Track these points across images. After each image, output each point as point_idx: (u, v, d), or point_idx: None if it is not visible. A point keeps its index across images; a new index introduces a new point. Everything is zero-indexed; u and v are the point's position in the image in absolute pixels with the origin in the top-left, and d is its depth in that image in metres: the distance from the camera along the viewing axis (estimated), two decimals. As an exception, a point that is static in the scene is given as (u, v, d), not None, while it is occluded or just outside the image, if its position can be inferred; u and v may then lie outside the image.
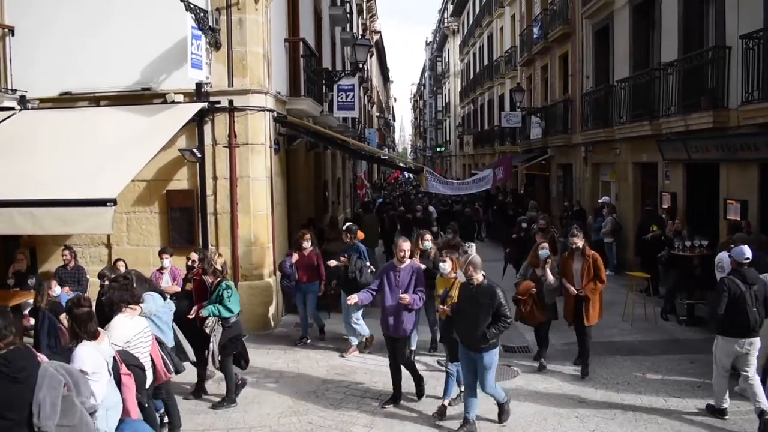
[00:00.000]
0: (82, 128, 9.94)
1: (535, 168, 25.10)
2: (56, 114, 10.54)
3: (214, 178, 10.63)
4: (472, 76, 42.00)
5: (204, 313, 7.58)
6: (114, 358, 5.23)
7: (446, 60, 57.13)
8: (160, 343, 6.52)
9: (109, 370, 5.05)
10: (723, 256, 8.89)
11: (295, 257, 10.06)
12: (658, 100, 13.42)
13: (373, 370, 9.12)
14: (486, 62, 36.35)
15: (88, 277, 10.27)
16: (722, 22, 11.51)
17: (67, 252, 10.12)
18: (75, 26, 10.63)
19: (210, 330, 7.57)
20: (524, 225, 13.21)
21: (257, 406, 7.91)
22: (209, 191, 10.64)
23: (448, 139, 56.57)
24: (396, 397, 7.87)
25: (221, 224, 10.69)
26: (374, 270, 9.70)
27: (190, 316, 7.86)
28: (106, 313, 6.25)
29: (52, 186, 7.97)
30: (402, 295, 7.45)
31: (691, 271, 10.93)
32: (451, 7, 50.16)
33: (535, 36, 23.91)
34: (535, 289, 8.83)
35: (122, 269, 9.07)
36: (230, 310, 7.57)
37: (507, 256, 13.48)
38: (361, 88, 29.06)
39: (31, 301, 9.02)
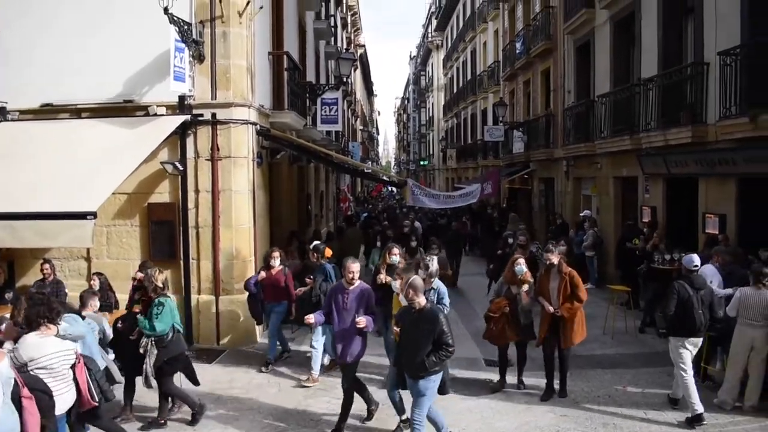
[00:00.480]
0: (63, 140, 9.87)
1: (518, 182, 25.25)
2: (37, 126, 10.46)
3: (196, 191, 10.58)
4: (455, 90, 42.28)
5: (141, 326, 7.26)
6: (15, 380, 4.88)
7: (430, 74, 57.47)
8: (89, 368, 6.05)
9: (3, 392, 4.72)
10: (704, 268, 9.05)
11: (262, 275, 9.72)
12: (638, 115, 13.59)
13: (331, 396, 8.50)
14: (469, 77, 36.62)
15: (66, 291, 10.13)
16: (700, 38, 11.70)
17: (47, 266, 10.00)
18: (57, 38, 10.58)
19: (144, 350, 7.23)
20: (510, 240, 13.01)
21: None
22: (191, 204, 10.58)
23: (431, 152, 56.79)
24: (341, 421, 7.36)
25: (203, 238, 10.62)
26: None
27: (132, 337, 7.48)
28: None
29: (32, 199, 7.91)
30: (358, 319, 7.04)
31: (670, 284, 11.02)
32: (435, 22, 50.55)
33: (517, 51, 24.15)
34: (508, 308, 8.48)
35: (96, 284, 9.01)
36: (153, 328, 7.15)
37: (489, 272, 13.37)
38: (345, 101, 29.13)
39: (8, 315, 8.89)
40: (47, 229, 7.50)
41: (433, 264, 8.39)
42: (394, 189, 47.68)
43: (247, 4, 10.57)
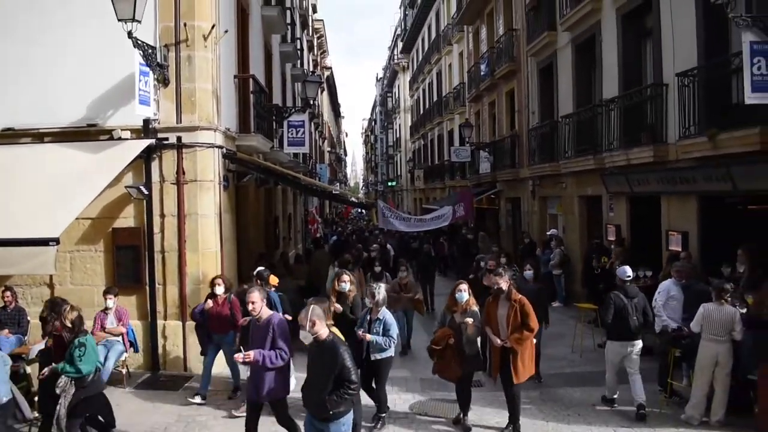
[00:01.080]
0: (24, 165, 9.69)
1: (485, 202, 25.47)
2: (-3, 151, 10.25)
3: (162, 215, 10.45)
4: (422, 111, 42.64)
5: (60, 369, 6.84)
6: None
7: (396, 96, 57.90)
8: None
9: None
10: (663, 284, 9.30)
11: (209, 304, 9.08)
12: (601, 135, 13.85)
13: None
14: (435, 98, 36.98)
15: (29, 318, 9.92)
16: (659, 60, 12.01)
17: (8, 293, 9.76)
18: (18, 60, 10.43)
19: (60, 390, 6.77)
20: (482, 264, 12.40)
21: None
22: (156, 229, 10.44)
23: (399, 173, 57.02)
24: None
25: (169, 262, 10.47)
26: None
27: (40, 377, 7.16)
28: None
29: (-9, 225, 7.71)
30: (236, 356, 6.51)
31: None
32: (401, 44, 51.03)
33: (482, 73, 24.49)
34: (453, 339, 7.83)
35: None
36: (79, 371, 6.77)
37: None
38: (312, 123, 29.18)
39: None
40: (7, 257, 7.33)
41: (380, 293, 8.00)
42: (363, 210, 47.81)
43: (212, 28, 10.55)
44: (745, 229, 10.38)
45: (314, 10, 38.55)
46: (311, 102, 17.77)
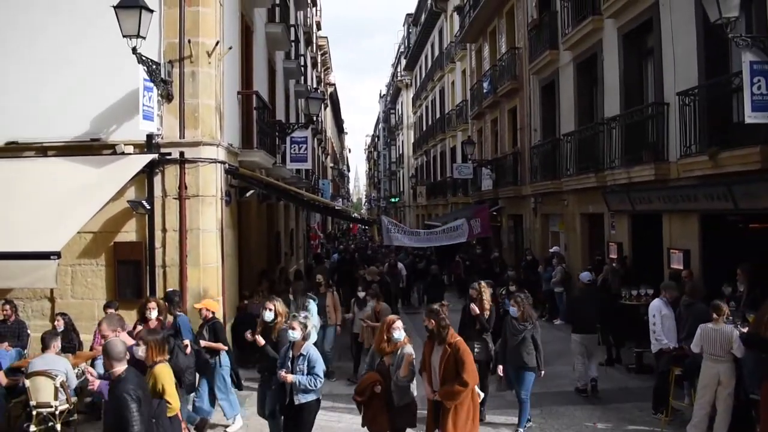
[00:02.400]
0: (27, 179, 9.73)
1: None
2: (1, 164, 10.28)
3: (164, 230, 10.47)
4: (424, 128, 42.77)
5: None
6: None
7: (399, 112, 58.11)
8: None
9: None
10: (653, 304, 9.32)
11: (138, 329, 8.15)
12: (603, 153, 13.89)
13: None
14: (438, 115, 37.12)
15: (29, 332, 9.92)
16: (660, 79, 12.07)
17: (8, 306, 9.76)
18: (23, 75, 10.51)
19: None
20: (511, 288, 11.44)
21: None
22: (158, 243, 10.45)
23: (402, 189, 57.09)
24: None
25: (170, 277, 10.47)
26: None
27: None
28: None
29: (-6, 239, 7.73)
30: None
31: (638, 320, 11.15)
32: (404, 62, 51.30)
33: (485, 90, 24.60)
34: (380, 386, 6.62)
35: (61, 325, 8.81)
36: None
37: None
38: (315, 139, 29.29)
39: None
40: (9, 271, 7.35)
41: (310, 321, 7.14)
42: (366, 227, 47.75)
43: (216, 44, 10.65)
44: (746, 248, 10.39)
45: (318, 28, 38.83)
46: (314, 118, 17.84)
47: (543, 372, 8.63)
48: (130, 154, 10.25)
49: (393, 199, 61.13)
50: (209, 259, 10.67)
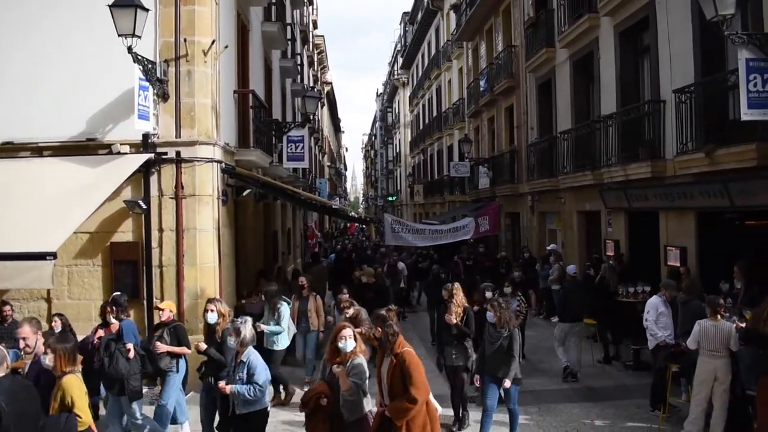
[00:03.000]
0: (23, 179, 9.69)
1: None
2: (-4, 164, 10.27)
3: (160, 230, 10.45)
4: (421, 126, 42.78)
5: None
6: None
7: (396, 111, 58.12)
8: None
9: None
10: (651, 301, 9.35)
11: (99, 334, 8.17)
12: (599, 150, 13.90)
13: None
14: (435, 113, 37.12)
15: (25, 333, 9.87)
16: (656, 77, 12.08)
17: (8, 307, 9.73)
18: (18, 75, 10.46)
19: None
20: (487, 294, 10.19)
21: None
22: (155, 243, 10.43)
23: (399, 188, 57.11)
24: None
25: (167, 277, 10.45)
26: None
27: None
28: None
29: (-11, 239, 7.70)
30: None
31: (635, 317, 11.16)
32: (401, 60, 51.31)
33: (481, 89, 24.61)
34: (326, 399, 6.18)
35: (58, 326, 8.77)
36: None
37: None
38: (312, 138, 29.26)
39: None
40: (4, 272, 7.30)
41: (246, 327, 6.58)
42: (364, 226, 47.72)
43: (212, 43, 10.62)
44: (743, 245, 10.41)
45: (315, 26, 38.80)
46: (311, 117, 17.81)
47: (508, 383, 7.62)
48: (126, 153, 10.22)
49: (390, 198, 61.16)
50: (206, 259, 10.66)
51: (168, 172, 10.44)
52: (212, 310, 7.63)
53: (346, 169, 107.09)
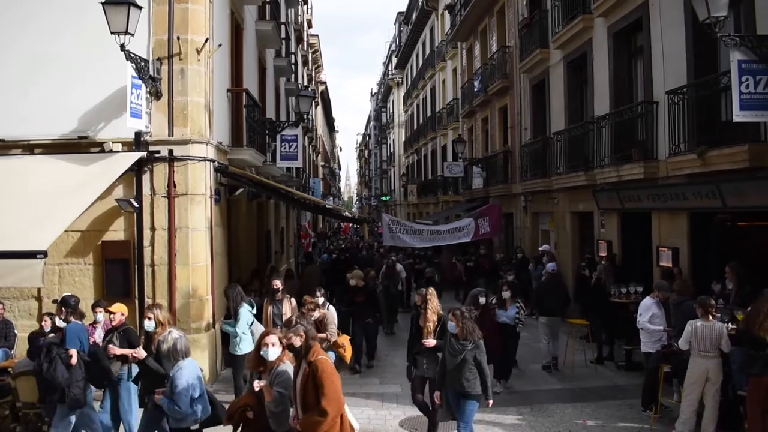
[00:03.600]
0: (14, 177, 9.64)
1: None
2: (-13, 162, 10.21)
3: (152, 228, 10.41)
4: (415, 126, 42.77)
5: None
6: None
7: (391, 111, 58.06)
8: None
9: None
10: (644, 303, 9.35)
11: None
12: (592, 151, 13.92)
13: None
14: (429, 114, 37.12)
15: (16, 332, 9.86)
16: (650, 78, 12.10)
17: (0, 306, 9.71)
18: (9, 72, 10.42)
19: None
20: (481, 299, 10.02)
21: None
22: (147, 242, 10.40)
23: (393, 188, 57.08)
24: None
25: (158, 276, 10.42)
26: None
27: None
28: None
29: (-21, 237, 7.65)
30: None
31: (627, 317, 11.19)
32: (395, 60, 51.27)
33: (475, 89, 24.61)
34: (251, 412, 5.81)
35: (49, 325, 8.73)
36: None
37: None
38: (306, 137, 29.20)
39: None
40: (-6, 269, 7.25)
41: (169, 340, 6.08)
42: (358, 226, 47.65)
43: (206, 41, 10.59)
44: (734, 246, 10.44)
45: (309, 26, 38.73)
46: (305, 116, 17.78)
47: (491, 402, 7.18)
48: (119, 152, 10.19)
49: (384, 198, 61.13)
50: (198, 258, 10.63)
51: (160, 170, 10.40)
52: (149, 318, 7.06)
53: (340, 169, 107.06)
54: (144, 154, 10.15)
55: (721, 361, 7.68)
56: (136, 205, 10.15)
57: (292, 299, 10.37)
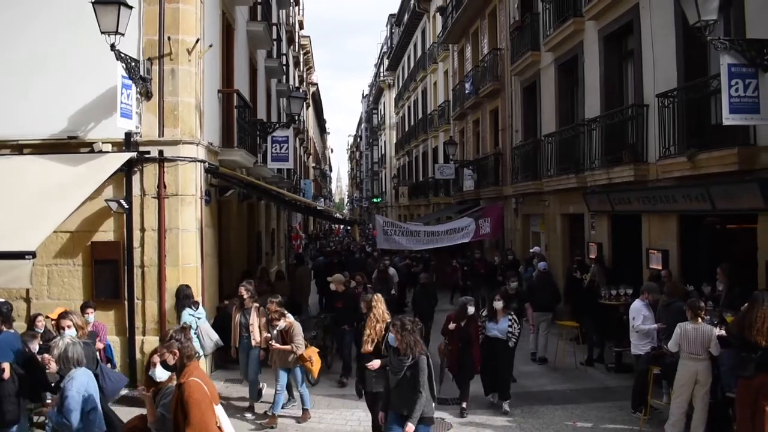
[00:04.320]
0: (2, 177, 9.55)
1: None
2: (-25, 162, 10.11)
3: (142, 229, 10.36)
4: (407, 128, 42.79)
5: None
6: None
7: (382, 113, 58.05)
8: None
9: None
10: (634, 306, 9.36)
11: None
12: (583, 154, 13.96)
13: None
14: (420, 115, 37.14)
15: (3, 333, 9.73)
16: (640, 81, 12.15)
17: (-12, 307, 9.57)
18: (-1, 72, 10.35)
19: None
20: (470, 309, 9.28)
21: None
22: (136, 243, 10.34)
23: (384, 189, 57.08)
24: None
25: (148, 277, 10.36)
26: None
27: None
28: None
29: (-34, 238, 7.57)
30: None
31: (617, 319, 11.22)
32: (386, 62, 51.29)
33: (467, 91, 24.64)
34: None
35: (41, 326, 8.64)
36: None
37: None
38: (297, 139, 29.15)
39: None
40: (-19, 270, 7.18)
41: (60, 345, 5.62)
42: (348, 227, 47.59)
43: (197, 42, 10.55)
44: (724, 248, 10.49)
45: (301, 27, 38.69)
46: (296, 117, 17.74)
47: (411, 427, 6.06)
48: (108, 152, 10.14)
49: (375, 200, 61.12)
50: (188, 259, 10.58)
51: (150, 171, 10.35)
52: (69, 326, 6.73)
53: (331, 171, 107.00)
54: (134, 154, 10.10)
55: (710, 364, 7.71)
56: (126, 206, 10.09)
57: (261, 309, 9.51)
